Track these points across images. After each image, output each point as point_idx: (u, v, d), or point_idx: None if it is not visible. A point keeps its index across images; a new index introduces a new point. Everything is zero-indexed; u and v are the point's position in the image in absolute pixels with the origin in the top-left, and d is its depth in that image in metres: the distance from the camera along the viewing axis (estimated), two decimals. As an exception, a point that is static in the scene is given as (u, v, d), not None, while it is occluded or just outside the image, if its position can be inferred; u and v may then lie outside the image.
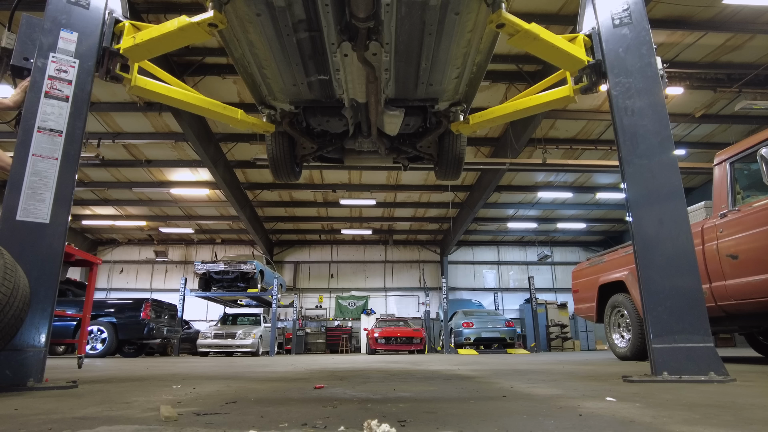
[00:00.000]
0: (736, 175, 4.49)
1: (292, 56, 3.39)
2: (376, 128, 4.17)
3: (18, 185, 2.93)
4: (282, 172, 4.93)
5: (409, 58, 3.36)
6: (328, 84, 3.67)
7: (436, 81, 3.67)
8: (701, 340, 2.97)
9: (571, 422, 1.49)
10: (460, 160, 4.96)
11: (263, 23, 3.05)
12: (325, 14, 2.89)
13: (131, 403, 2.12)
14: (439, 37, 3.15)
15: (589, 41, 3.50)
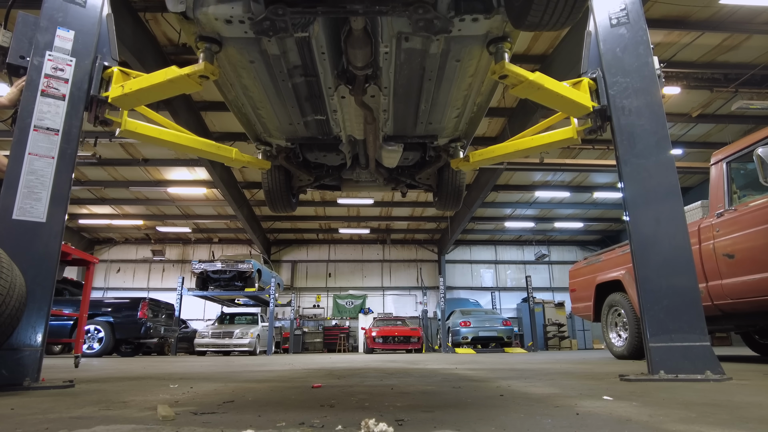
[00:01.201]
0: (733, 174, 4.51)
1: (288, 99, 3.31)
2: (374, 161, 4.11)
3: (14, 184, 2.92)
4: (278, 205, 4.88)
5: (408, 100, 3.29)
6: (325, 123, 3.59)
7: (435, 120, 3.60)
8: (698, 339, 2.98)
9: (569, 421, 1.49)
10: (460, 193, 4.93)
11: (257, 69, 2.97)
12: (322, 62, 2.81)
13: (128, 402, 2.12)
14: (439, 81, 3.08)
15: (594, 84, 3.42)
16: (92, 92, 3.14)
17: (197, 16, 2.42)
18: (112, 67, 3.23)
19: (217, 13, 2.38)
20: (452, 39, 2.61)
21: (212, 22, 2.46)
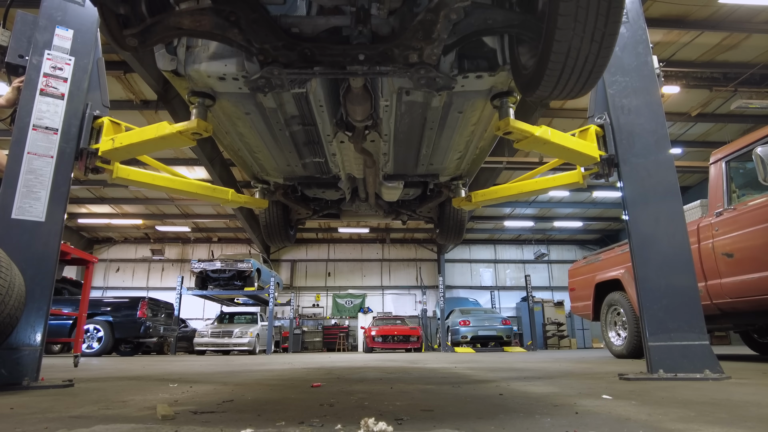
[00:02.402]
0: (732, 173, 4.51)
1: (285, 145, 3.22)
2: (374, 195, 4.05)
3: (13, 183, 2.92)
4: (276, 239, 4.84)
5: (409, 146, 3.22)
6: (323, 164, 3.51)
7: (437, 162, 3.54)
8: (697, 338, 2.99)
9: (568, 420, 1.49)
10: (462, 227, 4.89)
11: (253, 120, 2.88)
12: (320, 113, 2.72)
13: (128, 401, 2.12)
14: (440, 130, 3.01)
15: (602, 131, 3.36)
16: (82, 144, 3.06)
17: (189, 73, 2.33)
18: (102, 117, 3.16)
19: (210, 71, 2.30)
20: (455, 93, 2.53)
21: (205, 79, 2.37)
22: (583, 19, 1.57)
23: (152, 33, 1.91)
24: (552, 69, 1.73)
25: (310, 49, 1.90)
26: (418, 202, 4.53)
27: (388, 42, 1.91)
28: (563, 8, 1.55)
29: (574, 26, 1.58)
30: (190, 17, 1.87)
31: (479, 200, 4.09)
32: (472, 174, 3.98)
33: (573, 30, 1.59)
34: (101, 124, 3.15)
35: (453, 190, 4.01)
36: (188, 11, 1.88)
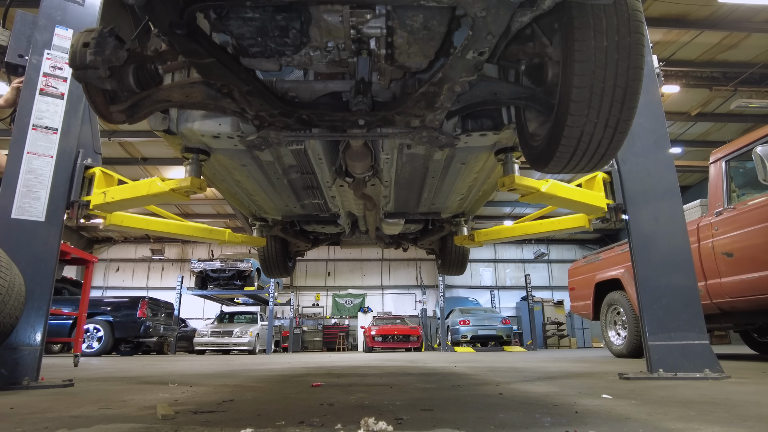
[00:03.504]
0: (732, 173, 4.51)
1: (283, 191, 3.17)
2: (374, 230, 4.00)
3: (13, 183, 2.92)
4: (274, 272, 4.80)
5: (410, 189, 3.17)
6: (322, 204, 3.44)
7: (438, 202, 3.51)
8: (696, 338, 2.99)
9: (567, 419, 1.49)
10: (464, 260, 4.86)
11: (250, 170, 2.81)
12: (319, 164, 2.63)
13: (127, 401, 2.12)
14: (443, 177, 2.97)
15: (609, 178, 3.32)
16: (73, 197, 3.00)
17: (182, 132, 2.25)
18: (94, 168, 3.11)
19: (204, 130, 2.21)
20: (457, 148, 2.45)
21: (199, 137, 2.29)
22: (597, 105, 1.50)
23: (141, 107, 1.85)
24: (562, 152, 1.66)
25: (308, 115, 1.83)
26: (419, 235, 4.49)
27: (390, 109, 1.83)
28: (576, 95, 1.49)
29: (588, 113, 1.52)
30: (180, 90, 1.81)
31: (482, 240, 4.05)
32: (475, 211, 3.93)
33: (586, 116, 1.52)
34: (93, 174, 3.08)
35: (455, 226, 3.97)
36: (178, 85, 1.82)
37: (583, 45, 1.44)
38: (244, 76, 1.63)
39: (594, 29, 1.43)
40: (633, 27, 1.45)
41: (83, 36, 1.68)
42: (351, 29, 1.53)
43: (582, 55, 1.45)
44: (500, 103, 1.97)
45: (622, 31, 1.43)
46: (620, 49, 1.44)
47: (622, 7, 1.44)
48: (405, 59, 1.67)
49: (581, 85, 1.47)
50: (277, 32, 1.51)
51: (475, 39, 1.39)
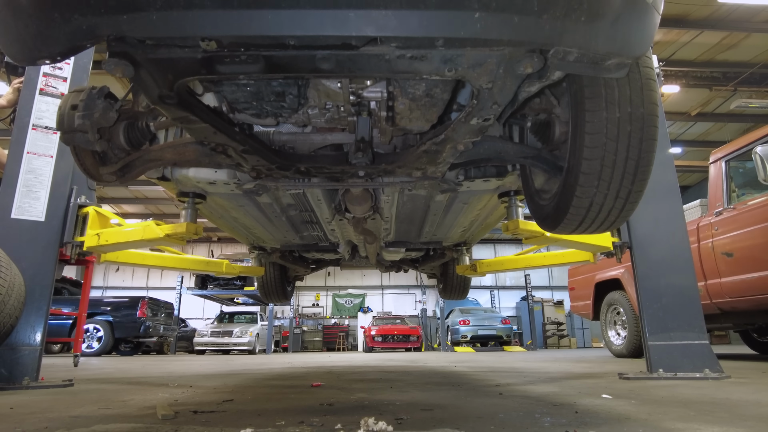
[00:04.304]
0: (732, 173, 4.51)
1: (281, 226, 3.14)
2: (375, 256, 3.96)
3: (13, 183, 2.92)
4: (273, 298, 4.77)
5: (411, 223, 3.15)
6: (322, 235, 3.42)
7: (440, 234, 3.48)
8: (696, 338, 2.99)
9: (567, 419, 1.49)
10: (466, 286, 4.83)
11: (247, 210, 2.77)
12: (318, 205, 2.59)
13: (127, 401, 2.12)
14: (444, 214, 2.95)
15: None
16: (66, 238, 2.97)
17: (177, 178, 2.22)
18: (88, 207, 3.08)
19: (199, 177, 2.16)
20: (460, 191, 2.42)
21: (194, 183, 2.25)
22: (608, 177, 1.45)
23: (132, 167, 1.80)
24: (570, 219, 1.61)
25: (307, 168, 1.79)
26: (420, 261, 4.47)
27: (391, 161, 1.78)
28: (586, 166, 1.44)
29: (598, 184, 1.46)
30: (173, 150, 1.77)
31: (485, 270, 4.04)
32: (477, 240, 3.90)
33: (596, 188, 1.47)
34: (87, 213, 3.06)
35: (457, 252, 3.95)
36: (171, 145, 1.77)
37: (594, 116, 1.38)
38: (239, 138, 1.57)
39: (606, 100, 1.37)
40: (647, 97, 1.39)
41: (71, 98, 1.62)
42: (351, 95, 1.47)
43: (593, 126, 1.39)
44: (505, 161, 1.93)
45: (635, 102, 1.38)
46: (633, 121, 1.38)
47: (636, 76, 1.38)
48: (406, 123, 1.60)
49: (592, 157, 1.42)
50: (273, 97, 1.45)
51: (480, 108, 1.33)
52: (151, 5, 0.93)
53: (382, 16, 0.95)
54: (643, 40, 1.12)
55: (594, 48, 1.07)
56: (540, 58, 1.11)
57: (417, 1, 0.93)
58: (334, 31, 0.96)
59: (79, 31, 0.97)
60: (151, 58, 1.08)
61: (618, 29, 1.06)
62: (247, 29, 0.96)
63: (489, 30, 0.98)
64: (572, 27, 1.01)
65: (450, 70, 1.13)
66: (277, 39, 0.99)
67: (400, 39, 1.01)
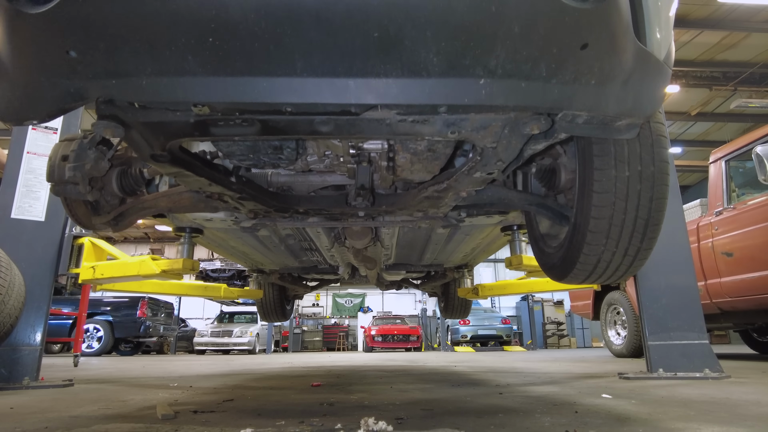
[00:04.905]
0: (732, 173, 4.51)
1: (280, 254, 3.13)
2: (375, 277, 3.94)
3: (13, 183, 2.92)
4: (271, 317, 4.75)
5: (412, 249, 3.14)
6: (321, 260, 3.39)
7: (441, 259, 3.49)
8: (696, 337, 2.99)
9: (567, 419, 1.49)
10: (467, 306, 4.82)
11: (245, 240, 2.74)
12: (317, 236, 2.57)
13: (127, 401, 2.12)
14: (446, 244, 2.94)
15: None
16: (61, 270, 2.96)
17: (173, 214, 2.19)
18: (83, 237, 3.06)
19: (195, 215, 2.12)
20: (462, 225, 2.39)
21: (190, 220, 2.22)
22: (616, 236, 1.41)
23: (125, 216, 1.78)
24: (576, 274, 1.57)
25: (305, 209, 1.76)
26: (421, 281, 4.47)
27: (391, 203, 1.74)
28: (593, 225, 1.40)
29: (606, 242, 1.43)
30: (168, 199, 1.74)
31: (487, 294, 4.01)
32: (478, 262, 3.88)
33: (604, 246, 1.44)
34: (82, 244, 3.04)
35: (458, 273, 3.94)
36: (165, 194, 1.74)
37: (603, 174, 1.34)
38: (236, 187, 1.53)
39: (615, 158, 1.33)
40: (657, 155, 1.35)
41: (62, 147, 1.57)
42: (350, 148, 1.44)
43: (601, 185, 1.35)
44: (508, 208, 1.91)
45: (645, 160, 1.34)
46: (643, 180, 1.34)
47: (646, 133, 1.34)
48: (408, 174, 1.56)
49: (600, 216, 1.38)
50: (270, 150, 1.40)
51: (483, 163, 1.30)
52: (141, 71, 0.90)
53: (382, 84, 0.91)
54: (654, 98, 1.09)
55: (604, 110, 1.03)
56: (547, 120, 1.08)
57: (419, 69, 0.89)
58: (333, 99, 0.93)
59: (66, 95, 0.95)
60: (141, 122, 1.05)
61: (629, 90, 1.02)
62: (241, 96, 0.92)
63: (494, 96, 0.95)
64: (582, 90, 0.98)
65: (453, 132, 1.10)
66: (272, 106, 0.96)
67: (402, 106, 0.97)
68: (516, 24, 0.84)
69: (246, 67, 0.88)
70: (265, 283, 4.20)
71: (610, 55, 0.95)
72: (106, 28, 0.84)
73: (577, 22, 0.87)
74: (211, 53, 0.86)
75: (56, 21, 0.83)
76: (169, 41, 0.85)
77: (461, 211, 2.08)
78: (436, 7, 0.81)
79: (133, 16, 0.82)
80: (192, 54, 0.86)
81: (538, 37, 0.87)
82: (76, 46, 0.87)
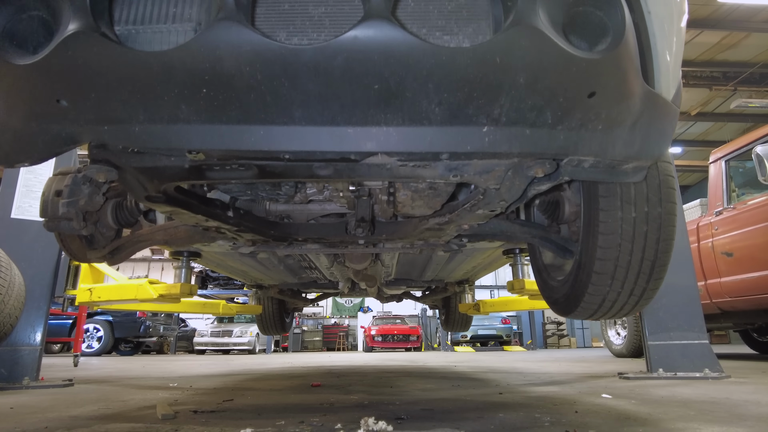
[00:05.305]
0: (731, 172, 4.51)
1: (279, 272, 3.13)
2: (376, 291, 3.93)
3: (13, 183, 2.92)
4: (271, 331, 4.75)
5: (413, 267, 3.14)
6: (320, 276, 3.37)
7: (443, 275, 3.49)
8: (696, 337, 2.99)
9: (567, 419, 1.49)
10: (468, 320, 4.83)
11: (244, 261, 2.72)
12: (317, 258, 2.57)
13: (127, 401, 2.12)
14: (447, 263, 2.95)
15: None
16: (57, 292, 2.94)
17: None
18: None
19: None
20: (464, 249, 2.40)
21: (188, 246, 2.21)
22: (621, 277, 1.39)
23: (121, 250, 1.76)
24: (581, 311, 1.55)
25: (304, 237, 1.73)
26: (422, 294, 4.48)
27: (392, 232, 1.72)
28: (598, 266, 1.38)
29: (611, 283, 1.41)
30: (164, 233, 1.73)
31: (488, 310, 4.02)
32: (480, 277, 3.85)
33: (609, 287, 1.41)
34: (79, 265, 3.03)
35: (459, 287, 3.94)
36: (161, 228, 1.73)
37: (609, 216, 1.32)
38: (233, 221, 1.50)
39: (621, 199, 1.31)
40: (665, 195, 1.33)
41: (56, 182, 1.53)
42: (350, 184, 1.42)
43: (607, 227, 1.33)
44: (510, 239, 1.89)
45: (652, 201, 1.32)
46: (650, 221, 1.33)
47: (654, 173, 1.32)
48: (409, 210, 1.54)
49: (605, 257, 1.36)
50: (268, 187, 1.38)
51: (486, 202, 1.29)
52: (133, 119, 0.87)
53: (383, 132, 0.89)
54: (663, 139, 1.06)
55: (611, 155, 1.00)
56: (552, 164, 1.05)
57: (420, 118, 0.87)
58: (332, 147, 0.90)
59: (58, 139, 0.92)
60: (135, 167, 1.02)
61: (637, 132, 1.00)
62: (238, 144, 0.89)
63: (498, 144, 0.92)
64: (588, 136, 0.95)
65: (455, 176, 1.09)
66: (270, 153, 0.93)
67: (403, 153, 0.94)
68: (522, 75, 0.83)
69: (242, 116, 0.86)
70: (264, 297, 4.18)
71: (618, 101, 0.92)
72: (95, 79, 0.83)
73: (584, 72, 0.85)
74: (205, 103, 0.84)
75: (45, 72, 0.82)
76: (161, 92, 0.83)
77: (463, 238, 2.05)
78: (439, 61, 0.79)
79: (123, 69, 0.81)
80: (186, 103, 0.85)
81: (545, 87, 0.85)
82: (65, 96, 0.86)
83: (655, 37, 0.96)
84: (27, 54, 0.81)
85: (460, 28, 0.91)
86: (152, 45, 0.90)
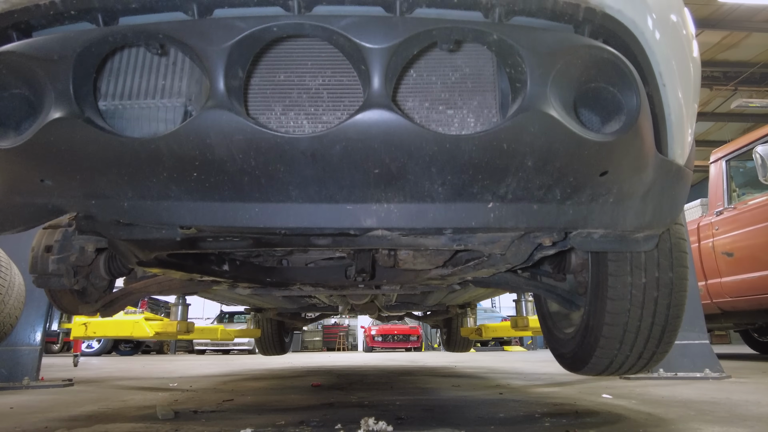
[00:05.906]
0: (732, 172, 4.51)
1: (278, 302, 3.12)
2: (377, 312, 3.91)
3: (13, 183, 2.91)
4: (270, 351, 4.72)
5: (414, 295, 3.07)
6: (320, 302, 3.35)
7: (445, 301, 3.49)
8: (697, 338, 2.99)
9: (567, 419, 1.49)
10: (469, 342, 4.82)
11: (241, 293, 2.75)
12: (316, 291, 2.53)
13: (127, 401, 2.12)
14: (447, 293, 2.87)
15: None
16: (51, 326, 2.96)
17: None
18: None
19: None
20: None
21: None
22: (630, 341, 1.35)
23: (114, 303, 1.74)
24: (588, 370, 1.53)
25: (302, 282, 1.71)
26: (422, 314, 4.48)
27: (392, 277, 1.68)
28: (607, 331, 1.33)
29: (620, 347, 1.37)
30: (158, 285, 1.70)
31: (490, 335, 4.03)
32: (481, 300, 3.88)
33: (618, 350, 1.37)
34: None
35: (461, 309, 3.92)
36: (155, 282, 1.70)
37: (618, 281, 1.28)
38: (229, 275, 1.47)
39: (631, 264, 1.27)
40: (676, 260, 1.29)
41: (45, 237, 1.48)
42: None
43: (616, 292, 1.29)
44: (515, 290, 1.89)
45: (663, 266, 1.28)
46: (661, 287, 1.28)
47: (665, 237, 1.27)
48: (410, 266, 1.52)
49: (614, 323, 1.31)
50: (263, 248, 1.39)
51: (491, 264, 1.27)
52: (122, 196, 0.84)
53: (383, 209, 0.85)
54: (676, 206, 1.02)
55: (622, 226, 0.95)
56: (560, 233, 1.03)
57: (422, 195, 0.83)
58: (330, 224, 0.86)
59: (43, 211, 0.90)
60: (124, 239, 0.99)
61: (648, 202, 0.95)
62: (231, 221, 0.84)
63: (504, 220, 0.88)
64: (599, 210, 0.91)
65: (459, 246, 1.06)
66: (265, 229, 0.89)
67: (404, 229, 0.90)
68: (530, 159, 0.79)
69: (236, 195, 0.82)
70: (263, 319, 4.17)
71: (630, 176, 0.89)
72: (80, 162, 0.79)
73: (596, 154, 0.80)
74: (197, 184, 0.80)
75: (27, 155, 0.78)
76: (149, 175, 0.79)
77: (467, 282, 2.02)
78: (442, 148, 0.75)
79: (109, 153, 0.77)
80: (176, 184, 0.81)
81: (554, 168, 0.81)
82: (49, 177, 0.83)
83: (669, 108, 0.90)
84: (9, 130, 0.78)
85: (464, 102, 0.86)
86: (140, 122, 0.86)
